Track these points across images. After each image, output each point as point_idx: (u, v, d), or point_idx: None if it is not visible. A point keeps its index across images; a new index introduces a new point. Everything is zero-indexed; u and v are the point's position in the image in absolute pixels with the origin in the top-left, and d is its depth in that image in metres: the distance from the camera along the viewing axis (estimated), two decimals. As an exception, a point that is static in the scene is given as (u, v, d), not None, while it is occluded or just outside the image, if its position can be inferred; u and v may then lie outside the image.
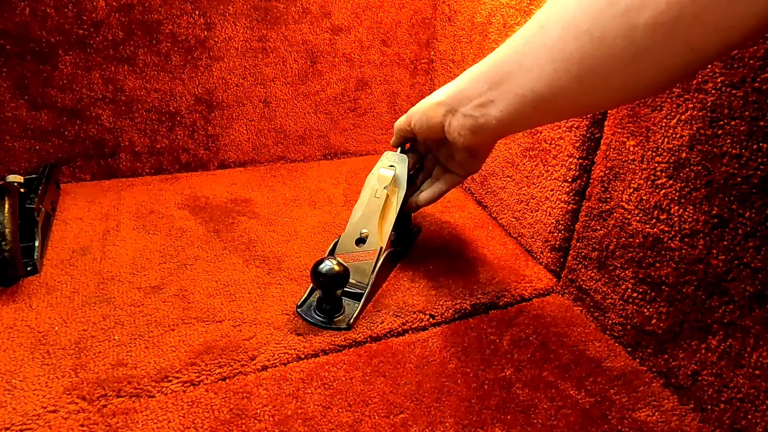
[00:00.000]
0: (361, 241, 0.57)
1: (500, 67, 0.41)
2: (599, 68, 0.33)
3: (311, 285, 0.55)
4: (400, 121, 0.57)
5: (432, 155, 0.60)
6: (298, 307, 0.53)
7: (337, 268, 0.48)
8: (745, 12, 0.27)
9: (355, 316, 0.52)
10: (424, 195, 0.60)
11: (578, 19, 0.33)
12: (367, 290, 0.54)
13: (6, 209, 0.52)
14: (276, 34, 0.79)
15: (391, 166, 0.60)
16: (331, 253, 0.59)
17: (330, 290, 0.50)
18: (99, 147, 0.75)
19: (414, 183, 0.61)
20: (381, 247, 0.56)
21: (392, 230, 0.58)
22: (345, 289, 0.53)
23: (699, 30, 0.28)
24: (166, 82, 0.75)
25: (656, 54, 0.30)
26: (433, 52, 0.91)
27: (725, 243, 0.41)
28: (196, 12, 0.73)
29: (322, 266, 0.49)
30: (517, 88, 0.39)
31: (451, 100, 0.47)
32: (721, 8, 0.27)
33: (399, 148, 0.61)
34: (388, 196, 0.58)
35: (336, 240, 0.60)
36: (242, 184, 0.80)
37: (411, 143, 0.60)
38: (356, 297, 0.54)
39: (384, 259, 0.56)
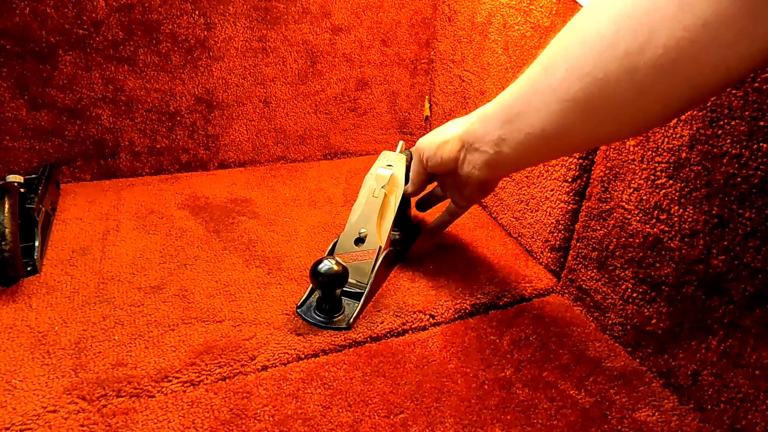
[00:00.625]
0: (360, 240, 0.57)
1: (510, 107, 0.42)
2: (605, 106, 0.34)
3: (311, 285, 0.55)
4: (418, 168, 0.57)
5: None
6: (298, 307, 0.53)
7: (335, 267, 0.48)
8: (744, 53, 0.27)
9: (354, 315, 0.52)
10: (433, 224, 0.64)
11: (581, 61, 0.33)
12: (367, 290, 0.54)
13: (6, 209, 0.52)
14: (276, 34, 0.79)
15: (389, 165, 0.60)
16: (331, 253, 0.58)
17: (329, 290, 0.50)
18: (99, 147, 0.75)
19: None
20: (380, 247, 0.55)
21: (391, 230, 0.58)
22: (344, 288, 0.53)
23: (699, 70, 0.29)
24: (166, 82, 0.75)
25: (659, 92, 0.31)
26: (433, 52, 0.91)
27: (725, 243, 0.41)
28: (196, 12, 0.73)
29: (321, 266, 0.49)
30: (526, 127, 0.40)
31: (466, 137, 0.48)
32: (719, 50, 0.28)
33: (398, 148, 0.61)
34: (386, 195, 0.58)
35: (335, 240, 0.59)
36: (242, 184, 0.80)
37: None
38: (356, 297, 0.54)
39: (384, 259, 0.56)
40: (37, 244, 0.57)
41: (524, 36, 0.64)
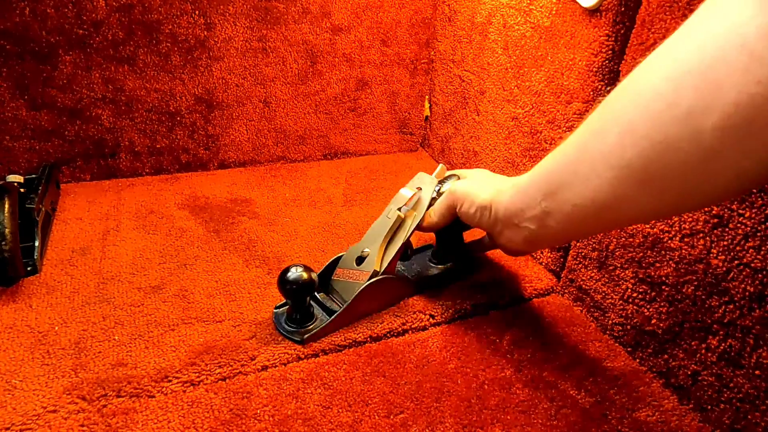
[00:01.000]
0: (361, 260, 0.53)
1: (553, 176, 0.38)
2: (665, 174, 0.30)
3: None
4: (439, 208, 0.53)
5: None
6: (277, 307, 0.52)
7: (305, 276, 0.46)
8: None
9: (313, 333, 0.49)
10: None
11: (635, 123, 0.30)
12: (341, 310, 0.50)
13: (6, 209, 0.52)
14: (276, 34, 0.79)
15: (419, 188, 0.55)
16: (332, 265, 0.55)
17: (294, 297, 0.48)
18: (99, 147, 0.75)
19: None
20: (375, 270, 0.51)
21: (399, 255, 0.53)
22: (325, 304, 0.51)
23: None
24: (166, 82, 0.75)
25: (731, 157, 0.27)
26: (433, 52, 0.91)
27: (725, 243, 0.41)
28: (196, 12, 0.73)
29: (289, 273, 0.47)
30: (574, 198, 0.36)
31: (504, 216, 0.45)
32: None
33: (436, 171, 0.56)
34: (404, 218, 0.53)
35: (342, 254, 0.56)
36: (242, 184, 0.80)
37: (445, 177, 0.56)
38: (331, 314, 0.51)
39: (382, 286, 0.52)
40: (37, 244, 0.57)
41: (524, 36, 0.64)
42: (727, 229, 0.41)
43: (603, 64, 0.53)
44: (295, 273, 0.47)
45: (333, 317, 0.50)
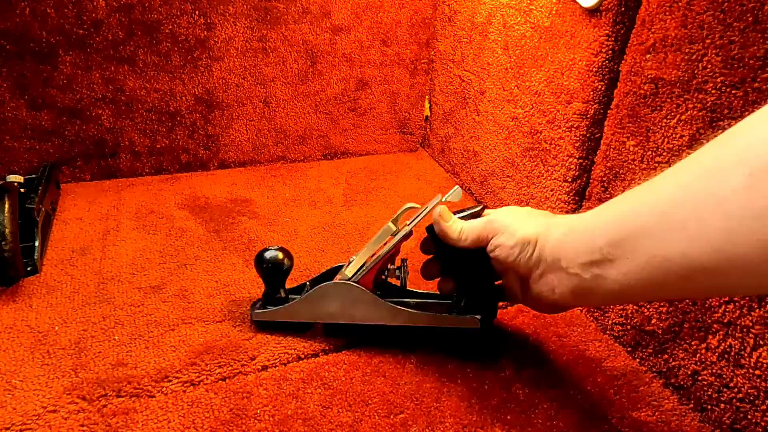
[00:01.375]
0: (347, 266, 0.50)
1: (627, 217, 0.31)
2: None
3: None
4: (474, 227, 0.43)
5: None
6: (253, 306, 0.52)
7: (279, 255, 0.48)
8: None
9: (263, 312, 0.50)
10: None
11: None
12: (297, 299, 0.49)
13: (6, 209, 0.52)
14: (276, 34, 0.79)
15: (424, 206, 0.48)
16: (333, 271, 0.52)
17: (265, 275, 0.49)
18: (99, 147, 0.75)
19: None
20: (345, 273, 0.48)
21: (378, 267, 0.48)
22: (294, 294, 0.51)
23: None
24: (166, 82, 0.75)
25: None
26: (433, 52, 0.91)
27: (725, 243, 0.41)
28: (196, 12, 0.73)
29: (265, 252, 0.48)
30: (655, 248, 0.29)
31: (551, 255, 0.37)
32: None
33: (450, 194, 0.46)
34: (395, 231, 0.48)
35: (342, 264, 0.51)
36: (242, 184, 0.80)
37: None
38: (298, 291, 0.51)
39: (343, 291, 0.48)
40: (37, 244, 0.57)
41: (524, 36, 0.64)
42: (727, 229, 0.41)
43: (603, 64, 0.53)
44: (271, 253, 0.48)
45: (287, 304, 0.50)
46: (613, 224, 0.33)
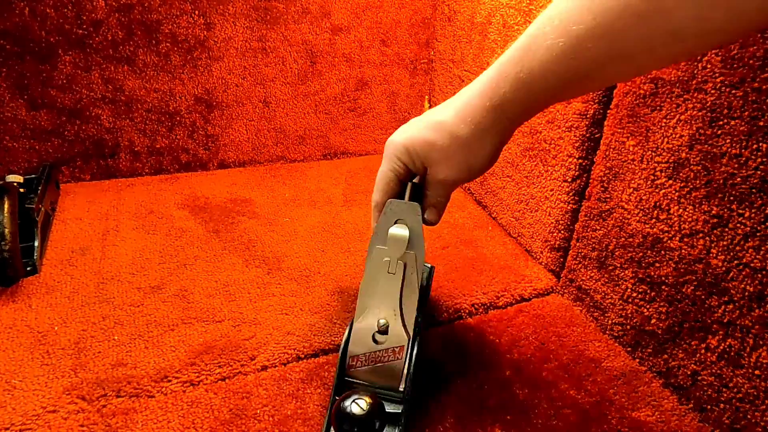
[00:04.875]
0: (380, 333, 0.42)
1: (503, 67, 0.34)
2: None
3: (326, 421, 0.41)
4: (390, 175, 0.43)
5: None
6: None
7: (365, 410, 0.36)
8: None
9: None
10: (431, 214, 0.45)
11: None
12: (404, 404, 0.41)
13: (6, 209, 0.52)
14: (276, 34, 0.79)
15: (399, 220, 0.43)
16: (344, 352, 0.42)
17: None
18: (99, 147, 0.75)
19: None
20: (408, 340, 0.42)
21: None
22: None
23: None
24: (166, 82, 0.75)
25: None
26: (432, 52, 0.91)
27: (725, 243, 0.41)
28: (196, 12, 0.73)
29: (346, 406, 0.36)
30: (536, 52, 0.32)
31: (453, 121, 0.38)
32: None
33: (407, 193, 0.43)
34: (405, 266, 0.43)
35: (347, 333, 0.43)
36: (242, 184, 0.80)
37: (418, 178, 0.44)
38: (391, 419, 0.40)
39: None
40: (36, 244, 0.57)
41: (524, 36, 0.64)
42: (726, 229, 0.41)
43: (603, 64, 0.53)
44: (354, 407, 0.36)
45: (404, 416, 0.40)
46: (489, 82, 0.36)
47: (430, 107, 0.94)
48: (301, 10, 0.79)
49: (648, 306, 0.49)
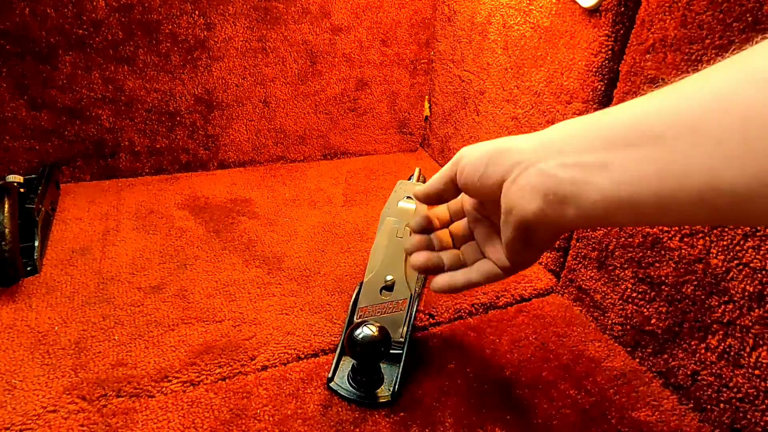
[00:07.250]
0: (386, 288, 0.48)
1: (641, 121, 0.24)
2: None
3: (338, 351, 0.47)
4: (445, 170, 0.37)
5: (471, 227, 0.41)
6: (329, 381, 0.45)
7: (375, 333, 0.41)
8: None
9: (397, 383, 0.44)
10: (444, 280, 0.40)
11: None
12: (405, 349, 0.47)
13: (6, 209, 0.52)
14: (276, 34, 0.79)
15: (409, 197, 0.50)
16: (355, 302, 0.51)
17: (369, 361, 0.43)
18: (99, 147, 0.75)
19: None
20: (411, 295, 0.48)
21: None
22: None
23: None
24: (166, 82, 0.75)
25: None
26: (432, 52, 0.91)
27: (724, 243, 0.41)
28: (196, 12, 0.73)
29: (358, 333, 0.41)
30: (671, 161, 0.22)
31: (532, 150, 0.29)
32: None
33: (415, 176, 0.50)
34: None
35: (358, 287, 0.51)
36: (242, 184, 0.80)
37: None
38: (393, 358, 0.46)
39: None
40: (36, 244, 0.57)
41: (524, 36, 0.65)
42: (726, 229, 0.41)
43: (603, 64, 0.53)
44: (366, 332, 0.41)
45: (404, 359, 0.46)
46: (616, 128, 0.25)
47: (430, 107, 0.95)
48: (301, 10, 0.79)
49: (648, 306, 0.49)
